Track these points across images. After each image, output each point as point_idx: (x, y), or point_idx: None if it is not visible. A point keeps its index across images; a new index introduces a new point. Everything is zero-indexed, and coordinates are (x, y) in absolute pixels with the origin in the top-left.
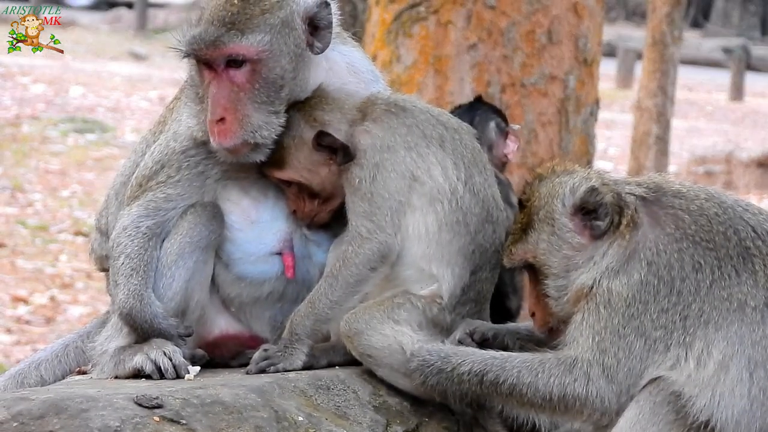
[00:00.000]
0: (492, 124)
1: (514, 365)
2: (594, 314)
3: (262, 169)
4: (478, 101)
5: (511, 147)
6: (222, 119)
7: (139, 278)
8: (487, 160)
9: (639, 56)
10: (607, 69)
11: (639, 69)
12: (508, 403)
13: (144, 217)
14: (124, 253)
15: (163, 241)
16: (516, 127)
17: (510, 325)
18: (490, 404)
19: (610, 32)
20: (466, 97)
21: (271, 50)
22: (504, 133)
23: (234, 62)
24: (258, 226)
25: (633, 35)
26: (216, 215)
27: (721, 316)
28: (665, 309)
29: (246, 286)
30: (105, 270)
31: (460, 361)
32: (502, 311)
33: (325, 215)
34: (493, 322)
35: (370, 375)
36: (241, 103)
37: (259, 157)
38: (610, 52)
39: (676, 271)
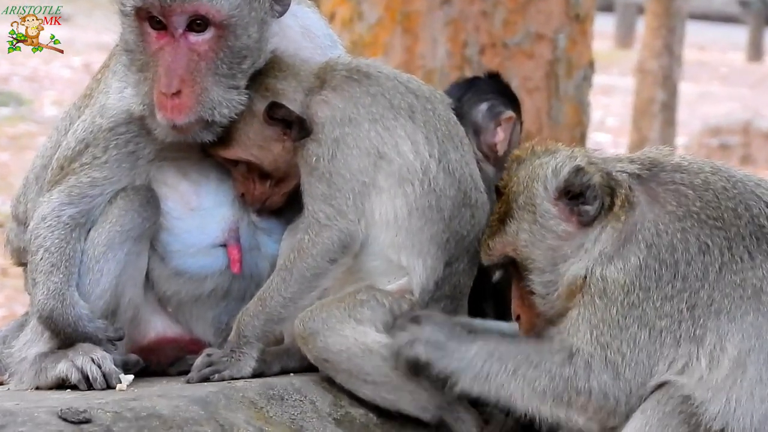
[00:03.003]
0: (483, 106)
1: (511, 356)
2: (590, 307)
3: (204, 148)
4: (493, 77)
5: (499, 136)
6: (177, 92)
7: (61, 275)
8: (464, 134)
9: (641, 11)
10: (604, 26)
11: (641, 26)
12: (505, 394)
13: (66, 205)
14: (43, 246)
15: (89, 231)
16: (509, 113)
17: (488, 322)
18: (485, 398)
19: None
20: (439, 60)
21: (240, 15)
22: (496, 119)
23: (197, 25)
24: (199, 214)
25: None
26: (150, 201)
27: (734, 305)
28: (669, 296)
29: (185, 282)
30: (23, 264)
31: (454, 350)
32: (478, 314)
33: (278, 199)
34: None
35: (330, 383)
36: (200, 74)
37: (209, 137)
38: (607, 6)
39: (680, 254)
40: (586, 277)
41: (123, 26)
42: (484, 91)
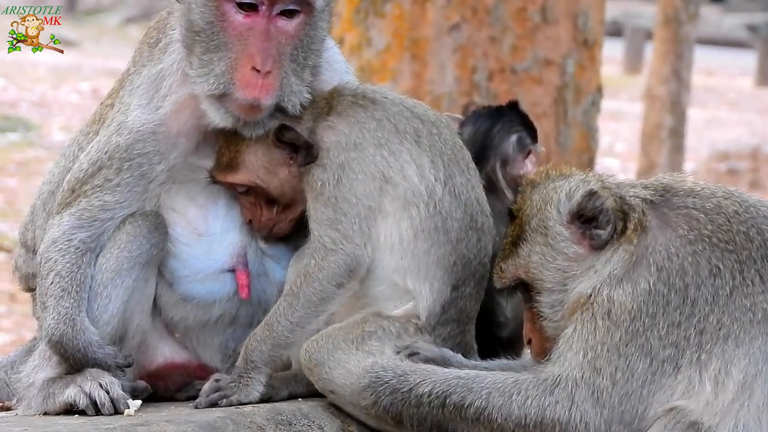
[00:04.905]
0: (513, 138)
1: (483, 386)
2: (589, 326)
3: (211, 173)
4: (511, 107)
5: (529, 169)
6: (268, 72)
7: (71, 300)
8: (470, 158)
9: (649, 36)
10: (613, 51)
11: (650, 51)
12: (474, 429)
13: (77, 229)
14: (54, 270)
15: (98, 256)
16: (541, 149)
17: (481, 363)
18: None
19: (616, 8)
20: (447, 85)
21: (324, 9)
22: (525, 151)
23: (288, 11)
24: (207, 240)
25: (642, 12)
26: (158, 226)
27: (742, 329)
28: (677, 323)
29: (193, 308)
30: (31, 290)
31: (419, 380)
32: (492, 341)
33: (284, 225)
34: (481, 352)
35: (338, 408)
36: (285, 58)
37: (263, 127)
38: (616, 31)
39: (690, 278)
40: (591, 295)
41: (193, 7)
42: (513, 123)
